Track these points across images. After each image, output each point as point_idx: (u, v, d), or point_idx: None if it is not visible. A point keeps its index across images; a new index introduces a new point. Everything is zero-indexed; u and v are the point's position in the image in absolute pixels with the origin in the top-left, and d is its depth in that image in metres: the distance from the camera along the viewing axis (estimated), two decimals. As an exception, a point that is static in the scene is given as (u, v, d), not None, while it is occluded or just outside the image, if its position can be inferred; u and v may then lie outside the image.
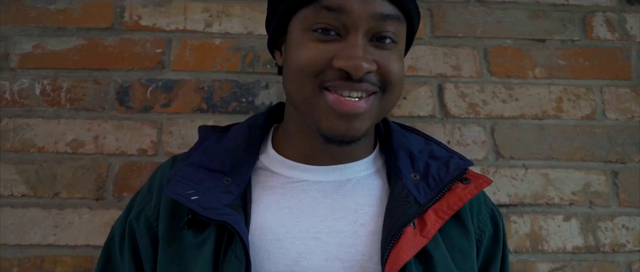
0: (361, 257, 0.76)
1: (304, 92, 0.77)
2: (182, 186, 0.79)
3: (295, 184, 0.84)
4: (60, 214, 1.24)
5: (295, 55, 0.77)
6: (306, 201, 0.81)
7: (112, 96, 1.34)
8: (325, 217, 0.79)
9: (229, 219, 0.73)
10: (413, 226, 0.76)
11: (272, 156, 0.88)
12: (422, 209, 0.79)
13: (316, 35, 0.76)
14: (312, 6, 0.76)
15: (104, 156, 1.29)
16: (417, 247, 0.74)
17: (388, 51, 0.77)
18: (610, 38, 1.45)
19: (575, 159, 1.35)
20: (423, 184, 0.83)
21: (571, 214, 1.30)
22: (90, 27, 1.39)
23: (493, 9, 1.46)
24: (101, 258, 0.92)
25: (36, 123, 1.30)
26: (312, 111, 0.78)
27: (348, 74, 0.73)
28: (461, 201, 0.80)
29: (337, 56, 0.73)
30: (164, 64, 1.37)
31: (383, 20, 0.75)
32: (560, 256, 1.28)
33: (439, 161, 0.87)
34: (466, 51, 1.42)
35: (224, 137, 0.91)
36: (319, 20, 0.75)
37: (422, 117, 1.36)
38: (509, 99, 1.38)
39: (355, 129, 0.76)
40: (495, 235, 0.90)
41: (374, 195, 0.84)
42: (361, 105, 0.75)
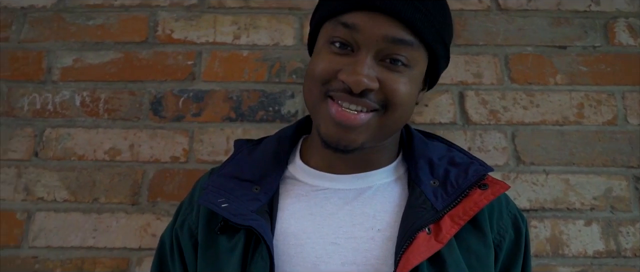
0: (376, 261, 0.80)
1: (311, 97, 0.84)
2: (214, 195, 0.86)
3: (319, 192, 0.89)
4: (98, 218, 1.32)
5: (313, 62, 0.84)
6: (327, 208, 0.86)
7: (146, 106, 1.41)
8: (345, 224, 0.84)
9: (255, 223, 0.79)
10: (428, 232, 0.79)
11: (299, 166, 0.94)
12: (439, 215, 0.82)
13: (332, 48, 0.81)
14: (333, 20, 0.82)
15: (139, 163, 1.37)
16: (430, 252, 0.77)
17: (397, 73, 0.81)
18: (632, 44, 1.46)
19: (596, 165, 1.36)
20: (441, 190, 0.86)
21: (592, 219, 1.32)
22: (126, 41, 1.47)
23: (514, 17, 1.49)
24: (155, 266, 0.99)
25: (76, 132, 1.39)
26: (316, 115, 0.84)
27: (350, 88, 0.77)
28: (477, 206, 0.83)
29: (342, 70, 0.79)
30: (194, 75, 1.44)
31: (394, 43, 0.79)
32: (581, 260, 1.29)
33: (459, 168, 0.90)
34: (487, 59, 1.45)
35: (255, 150, 0.98)
36: (336, 34, 0.81)
37: (443, 124, 1.40)
38: (529, 105, 1.41)
39: (349, 139, 0.80)
40: (516, 240, 0.92)
41: (392, 202, 0.88)
42: (358, 118, 0.79)
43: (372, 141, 0.84)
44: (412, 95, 0.84)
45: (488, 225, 0.88)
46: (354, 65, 0.78)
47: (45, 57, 1.45)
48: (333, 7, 0.82)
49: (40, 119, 1.40)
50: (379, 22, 0.78)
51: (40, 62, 1.45)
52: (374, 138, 0.84)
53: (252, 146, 1.01)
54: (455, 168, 0.90)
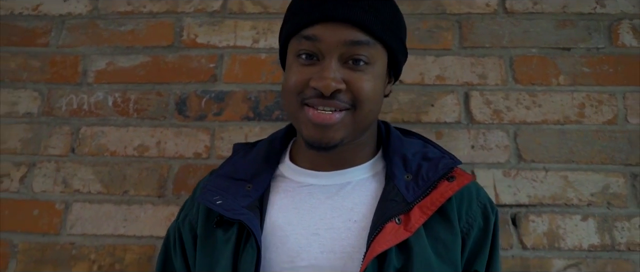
0: (351, 249, 0.89)
1: (291, 108, 0.94)
2: (211, 194, 0.98)
3: (304, 188, 0.99)
4: (128, 209, 1.45)
5: (286, 77, 0.94)
6: (311, 202, 0.96)
7: (172, 106, 1.53)
8: (325, 216, 0.94)
9: (244, 217, 0.90)
10: (398, 222, 0.88)
11: (288, 165, 1.05)
12: (409, 206, 0.90)
13: (300, 60, 0.92)
14: (297, 36, 0.92)
15: (165, 159, 1.49)
16: (397, 240, 0.86)
17: (361, 72, 0.90)
18: (635, 45, 1.51)
19: (595, 162, 1.42)
20: (413, 184, 0.94)
21: (589, 214, 1.38)
22: (153, 45, 1.59)
23: (520, 20, 1.55)
24: (161, 255, 1.11)
25: (109, 131, 1.52)
26: (297, 123, 0.94)
27: (321, 92, 0.87)
28: (443, 196, 0.92)
29: (312, 78, 0.89)
30: (216, 77, 1.55)
31: (353, 45, 0.89)
32: (576, 253, 1.36)
33: (431, 162, 0.99)
34: (492, 60, 1.52)
35: (250, 152, 1.09)
36: (301, 47, 0.91)
37: (448, 123, 1.47)
38: (532, 105, 1.47)
39: (329, 137, 0.90)
40: (485, 228, 0.99)
41: (369, 196, 0.96)
42: (333, 117, 0.89)
43: (349, 136, 0.93)
44: (377, 90, 0.93)
45: (456, 215, 0.95)
46: (321, 71, 0.88)
47: (81, 61, 1.59)
48: (295, 24, 0.92)
49: (77, 118, 1.53)
50: (337, 30, 0.88)
51: (77, 65, 1.58)
52: (351, 134, 0.93)
53: (248, 148, 1.12)
54: (428, 163, 0.99)
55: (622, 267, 1.34)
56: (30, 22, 1.63)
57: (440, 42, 1.55)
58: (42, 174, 1.49)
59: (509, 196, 1.40)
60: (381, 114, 1.46)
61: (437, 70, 1.52)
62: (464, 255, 0.96)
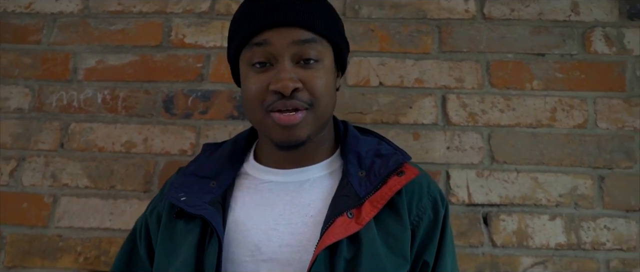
0: (307, 242, 0.94)
1: (255, 116, 0.99)
2: (175, 191, 1.03)
3: (265, 184, 1.04)
4: (115, 203, 1.50)
5: (245, 88, 0.99)
6: (271, 198, 1.02)
7: (159, 104, 1.58)
8: (284, 212, 0.99)
9: (205, 212, 0.96)
10: (349, 215, 0.93)
11: (251, 163, 1.10)
12: (361, 201, 0.96)
13: (255, 68, 0.97)
14: (248, 46, 0.97)
15: (152, 155, 1.54)
16: (347, 232, 0.91)
17: (313, 70, 0.96)
18: (607, 52, 1.57)
19: (564, 165, 1.48)
20: (366, 179, 1.00)
21: (556, 214, 1.44)
22: (143, 44, 1.64)
23: (497, 25, 1.61)
24: (127, 245, 1.16)
25: (97, 127, 1.57)
26: (264, 129, 0.99)
27: (281, 94, 0.93)
28: (392, 190, 0.97)
29: (271, 82, 0.94)
30: (203, 77, 1.60)
31: (302, 44, 0.95)
32: (544, 251, 1.42)
33: (383, 159, 1.04)
34: (470, 65, 1.58)
35: (216, 151, 1.15)
36: (254, 55, 0.96)
37: (425, 125, 1.53)
38: (506, 109, 1.53)
39: (296, 135, 0.96)
40: (435, 219, 1.04)
41: (325, 192, 1.01)
42: (297, 117, 0.94)
43: (313, 132, 0.99)
44: (329, 85, 0.99)
45: (406, 209, 1.00)
46: (277, 74, 0.93)
47: (71, 58, 1.63)
48: (244, 34, 0.97)
49: (66, 114, 1.58)
50: (284, 33, 0.94)
51: (67, 63, 1.63)
52: (315, 130, 0.99)
53: (214, 148, 1.17)
54: (380, 159, 1.04)
55: (587, 266, 1.40)
56: (23, 20, 1.68)
57: (420, 46, 1.60)
58: (31, 168, 1.54)
59: (481, 195, 1.46)
60: (360, 114, 1.52)
61: (416, 74, 1.57)
62: (415, 246, 1.01)
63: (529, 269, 1.41)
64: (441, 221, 1.05)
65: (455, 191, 1.47)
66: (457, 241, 1.42)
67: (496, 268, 1.41)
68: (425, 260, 1.01)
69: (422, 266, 1.01)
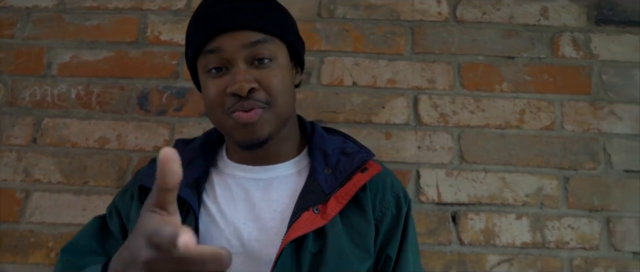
0: (275, 237, 0.97)
1: (217, 119, 1.01)
2: (149, 177, 1.04)
3: (236, 180, 1.06)
4: (88, 199, 1.51)
5: (205, 94, 1.01)
6: (241, 194, 1.04)
7: (133, 101, 1.59)
8: (254, 207, 1.02)
9: (181, 192, 0.97)
10: (316, 211, 0.97)
11: (223, 159, 1.12)
12: (326, 197, 0.99)
13: (211, 74, 0.99)
14: (202, 54, 0.99)
15: (125, 151, 1.55)
16: (313, 227, 0.94)
17: (267, 69, 0.98)
18: (574, 56, 1.61)
19: (531, 165, 1.52)
20: (332, 177, 1.03)
21: (523, 214, 1.48)
22: (118, 41, 1.64)
23: (469, 28, 1.64)
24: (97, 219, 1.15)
25: (71, 122, 1.57)
26: (227, 131, 1.01)
27: (238, 95, 0.94)
28: (356, 186, 1.00)
29: (228, 85, 0.96)
30: (178, 74, 1.61)
31: (253, 46, 0.97)
32: (510, 249, 1.46)
33: (348, 156, 1.07)
34: (441, 66, 1.61)
35: (188, 145, 1.17)
36: (208, 62, 0.98)
37: (397, 125, 1.56)
38: (476, 110, 1.57)
39: (257, 134, 0.97)
40: (397, 215, 1.07)
41: (293, 189, 1.04)
42: (255, 114, 0.96)
43: (275, 130, 1.01)
44: (286, 82, 1.01)
45: (370, 205, 1.04)
46: (233, 77, 0.95)
47: (45, 53, 1.63)
48: (197, 43, 0.99)
49: (40, 109, 1.58)
50: (234, 37, 0.96)
51: (41, 58, 1.63)
52: (275, 127, 1.01)
53: (186, 142, 1.20)
54: (345, 157, 1.07)
55: (551, 264, 1.45)
56: (-4, 14, 1.67)
57: (393, 47, 1.63)
58: (3, 163, 1.53)
59: (450, 194, 1.50)
60: (334, 114, 1.54)
61: (389, 74, 1.60)
62: (378, 241, 1.04)
63: (495, 267, 1.45)
64: (404, 217, 1.08)
65: (425, 190, 1.50)
66: (426, 239, 1.46)
67: (463, 266, 1.45)
68: (387, 254, 1.04)
69: (385, 260, 1.04)
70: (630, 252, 1.46)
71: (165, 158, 0.58)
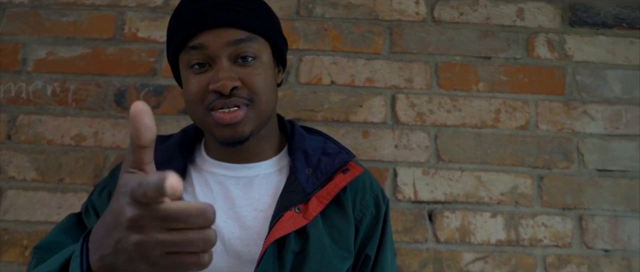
0: (256, 235, 0.98)
1: (197, 116, 1.00)
2: None
3: (216, 177, 1.06)
4: (63, 197, 1.49)
5: (185, 89, 1.00)
6: (221, 192, 1.04)
7: (110, 98, 1.58)
8: (234, 205, 1.02)
9: None
10: (297, 210, 0.97)
11: (203, 156, 1.11)
12: (307, 196, 1.00)
13: (194, 70, 0.98)
14: (185, 49, 0.98)
15: (102, 149, 1.54)
16: (295, 226, 0.95)
17: (251, 67, 0.98)
18: (549, 57, 1.64)
19: (506, 164, 1.54)
20: (313, 176, 1.03)
21: (498, 212, 1.51)
22: (95, 37, 1.62)
23: (446, 28, 1.66)
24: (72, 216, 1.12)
25: (47, 119, 1.55)
26: (207, 127, 1.01)
27: (220, 93, 0.94)
28: (337, 187, 1.01)
29: (210, 82, 0.95)
30: (155, 71, 1.60)
31: (237, 44, 0.96)
32: (485, 247, 1.48)
33: (329, 157, 1.08)
34: (419, 66, 1.62)
35: (166, 141, 1.16)
36: (191, 58, 0.98)
37: (374, 123, 1.57)
38: (453, 109, 1.58)
39: (239, 133, 0.97)
40: (376, 215, 1.09)
41: (274, 188, 1.05)
42: (237, 115, 0.96)
43: (256, 128, 1.01)
44: (268, 81, 1.01)
45: (350, 204, 1.05)
46: (216, 75, 0.95)
47: (21, 49, 1.61)
48: (180, 38, 0.98)
49: (14, 106, 1.56)
50: (219, 34, 0.96)
51: (17, 54, 1.61)
52: (257, 125, 1.01)
53: (164, 138, 1.18)
54: (326, 157, 1.08)
55: (525, 261, 1.47)
56: (-30, 9, 1.65)
57: (371, 47, 1.64)
58: (-23, 160, 1.51)
59: (426, 193, 1.51)
60: (312, 112, 1.55)
61: (367, 73, 1.61)
62: (358, 240, 1.06)
63: (470, 264, 1.47)
64: (383, 217, 1.10)
65: (402, 188, 1.52)
66: (403, 236, 1.47)
67: (439, 263, 1.46)
68: (367, 253, 1.05)
69: (364, 259, 1.06)
70: (602, 249, 1.49)
71: (135, 112, 0.57)
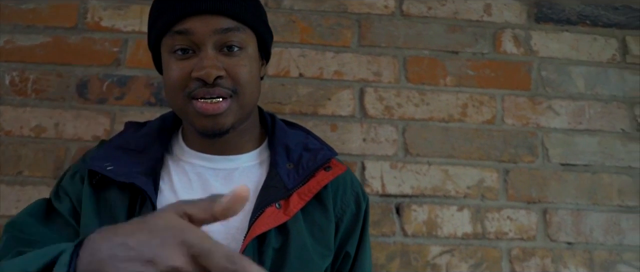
0: (236, 231, 0.95)
1: (177, 103, 0.97)
2: (100, 161, 0.99)
3: (195, 169, 1.03)
4: (22, 190, 1.44)
5: (166, 75, 0.97)
6: (199, 184, 1.01)
7: (72, 88, 1.53)
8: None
9: (137, 181, 0.93)
10: (278, 206, 0.95)
11: (180, 145, 1.08)
12: (289, 192, 0.98)
13: (176, 56, 0.95)
14: (169, 34, 0.95)
15: (63, 141, 1.49)
16: (276, 223, 0.93)
17: (236, 57, 0.95)
18: (515, 52, 1.65)
19: (473, 158, 1.56)
20: (294, 172, 1.02)
21: (464, 206, 1.52)
22: (56, 26, 1.57)
23: (415, 22, 1.66)
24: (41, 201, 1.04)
25: (4, 110, 1.50)
26: (186, 116, 0.97)
27: (203, 81, 0.92)
28: (319, 184, 1.00)
29: (193, 69, 0.92)
30: (119, 62, 1.56)
31: (224, 33, 0.94)
32: (451, 240, 1.49)
33: (311, 153, 1.06)
34: (387, 59, 1.62)
35: (142, 128, 1.11)
36: (175, 43, 0.94)
37: (343, 117, 1.56)
38: (421, 103, 1.59)
39: (220, 124, 0.94)
40: (357, 213, 1.08)
41: (254, 182, 1.02)
42: (220, 106, 0.93)
43: (238, 120, 0.98)
44: (253, 72, 0.99)
45: (331, 201, 1.04)
46: (200, 62, 0.92)
47: (-23, 37, 1.55)
48: (165, 22, 0.95)
49: (-30, 95, 1.50)
50: (207, 21, 0.93)
51: (-27, 41, 1.55)
52: (239, 118, 0.98)
53: (139, 125, 1.14)
54: (308, 153, 1.06)
55: (490, 254, 1.49)
56: None
57: (340, 40, 1.63)
58: None
59: (394, 186, 1.51)
60: (279, 105, 1.53)
61: (336, 66, 1.60)
62: (338, 238, 1.05)
63: (437, 258, 1.48)
64: (363, 215, 1.09)
65: (369, 181, 1.52)
66: (370, 230, 1.45)
67: (406, 256, 1.47)
68: (347, 251, 1.05)
69: (344, 256, 1.05)
70: (565, 242, 1.51)
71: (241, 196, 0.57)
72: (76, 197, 1.00)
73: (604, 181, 1.57)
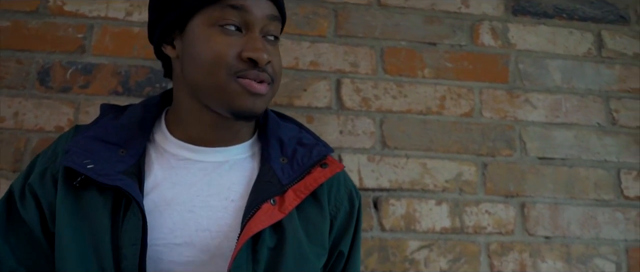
0: (227, 228, 0.89)
1: (216, 80, 0.88)
2: (79, 156, 0.89)
3: (180, 162, 0.96)
4: (-22, 183, 1.36)
5: (207, 48, 0.88)
6: (187, 178, 0.94)
7: (33, 76, 1.44)
8: (201, 193, 0.92)
9: (121, 183, 0.86)
10: (273, 203, 0.90)
11: (165, 135, 1.00)
12: (284, 188, 0.93)
13: (225, 30, 0.88)
14: (219, 5, 0.89)
15: (23, 131, 1.40)
16: (272, 220, 0.88)
17: (274, 47, 0.94)
18: (493, 45, 1.64)
19: (451, 152, 1.53)
20: (288, 167, 0.97)
21: (443, 199, 1.49)
22: (15, 9, 1.48)
23: (392, 13, 1.62)
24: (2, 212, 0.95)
25: (-41, 98, 1.40)
26: (224, 95, 0.89)
27: (255, 63, 0.87)
28: (316, 182, 0.95)
29: (244, 49, 0.87)
30: (84, 48, 1.48)
31: (271, 20, 0.92)
32: (430, 235, 1.46)
33: (306, 148, 1.01)
34: (364, 50, 1.58)
35: (121, 115, 1.02)
36: (226, 17, 0.88)
37: (319, 108, 1.52)
38: (398, 95, 1.55)
39: (258, 106, 0.90)
40: (350, 211, 1.04)
41: (246, 176, 0.97)
42: (264, 88, 0.89)
43: (264, 108, 0.95)
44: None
45: (326, 199, 1.00)
46: (252, 43, 0.88)
47: None
48: None
49: None
50: (261, 5, 0.90)
51: None
52: (267, 106, 0.96)
53: (118, 111, 1.04)
54: (303, 148, 1.01)
55: (469, 248, 1.46)
56: None
57: (316, 29, 1.58)
58: None
59: (372, 180, 1.48)
60: (254, 95, 1.47)
61: (312, 57, 1.55)
62: (331, 236, 1.00)
63: (415, 253, 1.45)
64: (356, 213, 1.05)
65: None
66: (347, 225, 1.43)
67: (384, 251, 1.43)
68: (341, 250, 1.01)
69: (338, 255, 1.02)
70: (543, 236, 1.50)
71: None
72: (48, 202, 0.92)
73: (581, 175, 1.57)
